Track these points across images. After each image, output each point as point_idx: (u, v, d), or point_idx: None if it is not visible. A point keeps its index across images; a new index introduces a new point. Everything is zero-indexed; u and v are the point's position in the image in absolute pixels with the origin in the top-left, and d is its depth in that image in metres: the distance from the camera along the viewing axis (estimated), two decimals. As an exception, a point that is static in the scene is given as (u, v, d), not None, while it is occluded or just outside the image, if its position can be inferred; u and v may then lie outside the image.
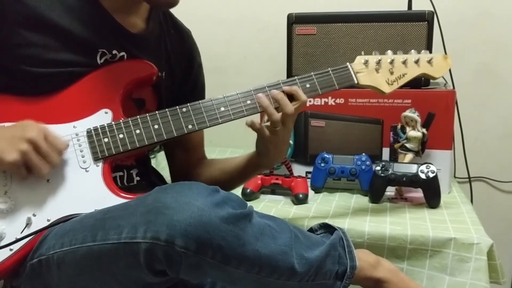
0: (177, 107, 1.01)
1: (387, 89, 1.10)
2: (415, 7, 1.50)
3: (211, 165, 1.22)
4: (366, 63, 1.10)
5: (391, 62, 1.10)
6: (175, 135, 1.00)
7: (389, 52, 1.12)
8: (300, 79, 1.06)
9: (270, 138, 1.03)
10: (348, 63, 1.09)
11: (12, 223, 0.91)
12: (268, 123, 1.02)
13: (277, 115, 1.00)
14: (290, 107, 1.01)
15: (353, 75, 1.09)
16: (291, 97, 1.03)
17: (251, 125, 1.02)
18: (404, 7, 1.53)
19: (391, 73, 1.10)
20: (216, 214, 0.79)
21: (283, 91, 1.03)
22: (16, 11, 0.96)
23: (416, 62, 1.11)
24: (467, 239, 1.09)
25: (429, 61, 1.12)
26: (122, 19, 1.05)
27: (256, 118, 1.04)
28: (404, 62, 1.11)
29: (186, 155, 1.22)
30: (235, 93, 1.03)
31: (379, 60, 1.10)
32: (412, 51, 1.13)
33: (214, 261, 0.80)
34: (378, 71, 1.10)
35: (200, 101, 1.02)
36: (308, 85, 1.06)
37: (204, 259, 0.79)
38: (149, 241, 0.78)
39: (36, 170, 0.90)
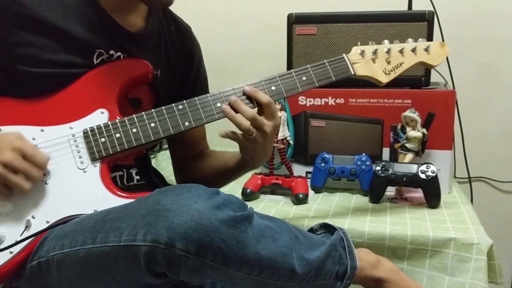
0: (173, 104, 1.00)
1: (384, 78, 1.09)
2: (415, 7, 1.50)
3: (206, 160, 1.23)
4: (362, 53, 1.09)
5: (388, 51, 1.09)
6: (172, 132, 1.00)
7: (386, 41, 1.11)
8: (296, 72, 1.05)
9: (251, 145, 1.02)
10: (344, 54, 1.08)
11: (11, 226, 0.91)
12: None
13: (246, 124, 0.98)
14: (248, 111, 0.98)
15: (350, 66, 1.07)
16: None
17: (227, 136, 1.01)
18: (404, 7, 1.53)
19: (388, 62, 1.09)
20: (216, 217, 0.79)
21: (243, 93, 1.01)
22: (12, 11, 0.96)
23: (413, 50, 1.10)
24: (467, 239, 1.09)
25: (426, 49, 1.11)
26: (120, 19, 1.04)
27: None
28: (401, 51, 1.10)
29: (187, 150, 1.23)
30: (231, 88, 1.02)
31: (376, 49, 1.09)
32: (409, 39, 1.12)
33: (214, 263, 0.79)
34: (374, 61, 1.09)
35: (196, 98, 1.01)
36: (304, 78, 1.05)
37: (204, 262, 0.79)
38: (149, 244, 0.78)
39: (16, 188, 0.89)
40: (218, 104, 1.01)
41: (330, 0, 1.70)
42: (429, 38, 1.39)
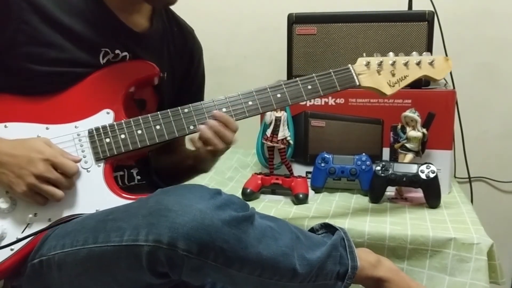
0: (179, 107, 1.01)
1: (388, 91, 1.10)
2: (415, 7, 1.50)
3: (171, 155, 1.23)
4: (367, 64, 1.10)
5: (393, 64, 1.10)
6: (177, 135, 1.00)
7: (391, 54, 1.12)
8: (302, 81, 1.06)
9: (209, 154, 1.04)
10: (349, 65, 1.09)
11: (13, 223, 0.92)
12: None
13: (222, 145, 1.00)
14: (235, 124, 1.01)
15: (355, 77, 1.08)
16: None
17: (192, 140, 1.02)
18: (404, 7, 1.53)
19: (393, 74, 1.10)
20: (218, 217, 0.79)
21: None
22: (22, 9, 0.96)
23: (418, 64, 1.11)
24: (467, 239, 1.09)
25: (431, 63, 1.12)
26: (126, 18, 1.05)
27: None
28: (406, 64, 1.11)
29: (164, 146, 1.23)
30: (236, 94, 1.03)
31: (381, 61, 1.10)
32: (414, 53, 1.13)
33: (216, 263, 0.80)
34: (379, 72, 1.10)
35: (201, 102, 1.02)
36: (309, 87, 1.06)
37: (206, 262, 0.79)
38: (151, 244, 0.78)
39: (49, 197, 0.91)
40: (224, 109, 1.02)
41: (330, 0, 1.70)
42: (429, 38, 1.39)
